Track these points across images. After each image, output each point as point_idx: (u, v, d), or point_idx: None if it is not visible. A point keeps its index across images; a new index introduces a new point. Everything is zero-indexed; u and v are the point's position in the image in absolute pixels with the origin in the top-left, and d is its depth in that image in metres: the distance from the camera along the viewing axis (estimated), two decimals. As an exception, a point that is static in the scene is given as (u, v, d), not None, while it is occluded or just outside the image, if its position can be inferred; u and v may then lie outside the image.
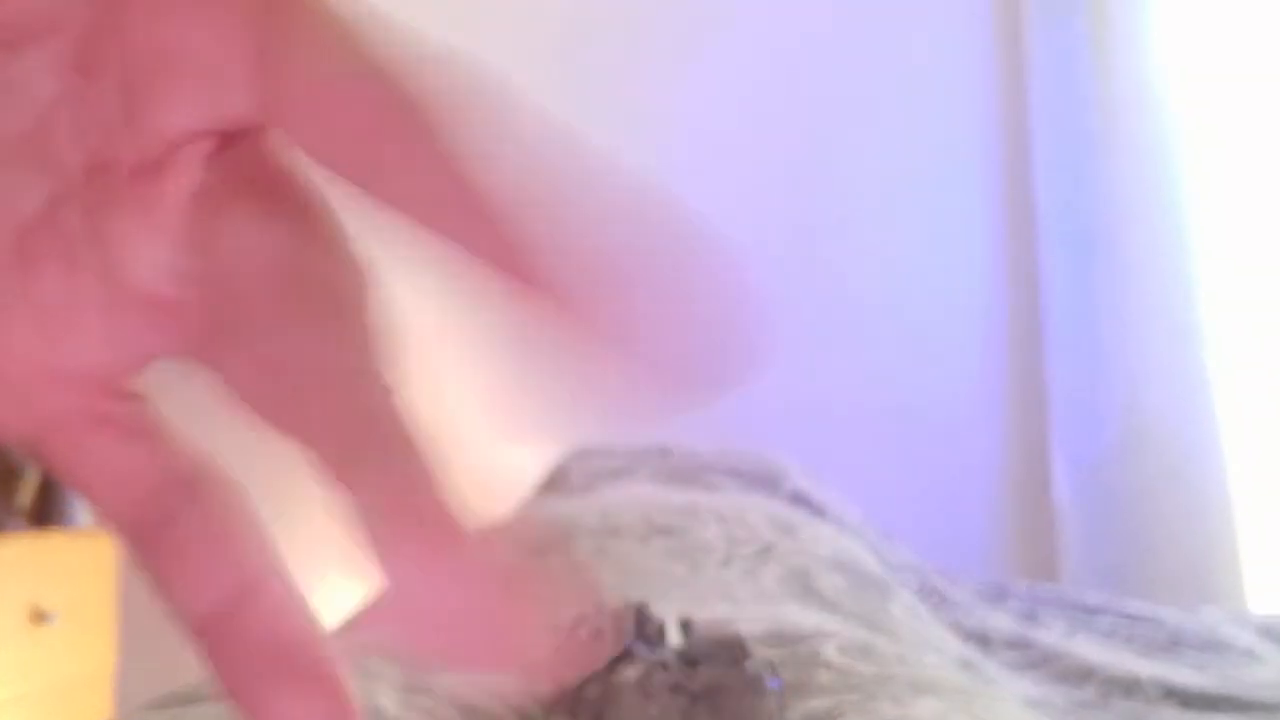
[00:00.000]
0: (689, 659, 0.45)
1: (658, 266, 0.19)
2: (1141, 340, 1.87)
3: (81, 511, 2.00)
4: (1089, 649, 1.19)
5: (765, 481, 1.43)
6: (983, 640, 1.23)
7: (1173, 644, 1.22)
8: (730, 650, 0.45)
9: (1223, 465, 1.82)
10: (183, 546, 0.22)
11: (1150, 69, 1.91)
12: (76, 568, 1.89)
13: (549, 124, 0.21)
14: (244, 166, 0.20)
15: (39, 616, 1.73)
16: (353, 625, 0.84)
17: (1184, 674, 1.10)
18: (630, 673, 0.44)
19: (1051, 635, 1.24)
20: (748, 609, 0.75)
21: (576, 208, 0.19)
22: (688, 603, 0.75)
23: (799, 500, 1.39)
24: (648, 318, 0.19)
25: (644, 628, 0.48)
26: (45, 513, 1.97)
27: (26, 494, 1.90)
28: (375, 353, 0.21)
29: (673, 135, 2.11)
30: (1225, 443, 1.82)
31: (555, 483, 1.46)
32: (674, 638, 0.48)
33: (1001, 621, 1.28)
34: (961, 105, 2.08)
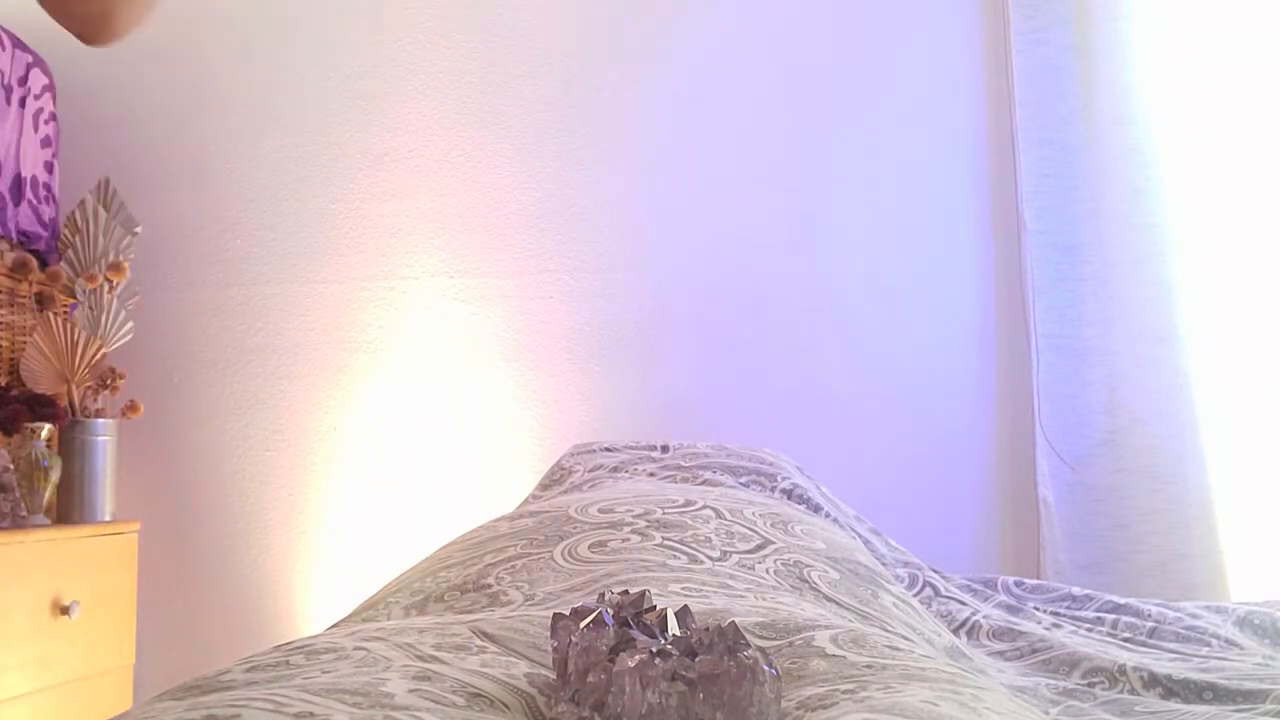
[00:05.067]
0: (687, 648, 0.45)
1: None
2: (1123, 343, 1.90)
3: (102, 507, 2.02)
4: (1074, 639, 1.20)
5: (762, 478, 1.43)
6: (972, 631, 1.24)
7: (1155, 634, 1.23)
8: (727, 640, 0.45)
9: (1201, 462, 1.85)
10: None
11: (1131, 81, 1.93)
12: (97, 562, 1.91)
13: None
14: None
15: (61, 609, 1.75)
16: (358, 619, 0.85)
17: (1167, 663, 1.11)
18: (630, 661, 0.44)
19: (1038, 626, 1.25)
20: (745, 600, 0.76)
21: None
22: (686, 594, 0.77)
23: (794, 496, 1.40)
24: None
25: (644, 617, 0.49)
26: (67, 508, 1.99)
27: (48, 490, 1.91)
28: None
29: (678, 141, 2.13)
30: (1203, 441, 1.85)
31: (558, 478, 1.47)
32: (673, 627, 0.49)
33: (990, 613, 1.29)
34: (951, 116, 2.10)
